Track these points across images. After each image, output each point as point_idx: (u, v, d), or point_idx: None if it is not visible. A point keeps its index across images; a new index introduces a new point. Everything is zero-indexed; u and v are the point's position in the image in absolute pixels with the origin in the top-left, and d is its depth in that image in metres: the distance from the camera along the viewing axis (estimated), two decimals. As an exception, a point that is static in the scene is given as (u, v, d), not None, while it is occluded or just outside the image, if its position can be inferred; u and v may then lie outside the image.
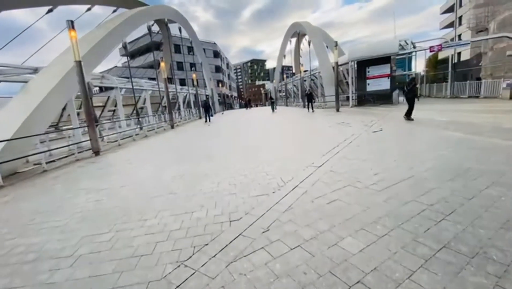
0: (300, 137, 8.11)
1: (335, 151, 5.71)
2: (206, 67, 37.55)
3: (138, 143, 11.30)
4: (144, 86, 19.18)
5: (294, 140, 7.73)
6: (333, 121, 11.53)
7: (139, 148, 9.92)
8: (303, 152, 6.06)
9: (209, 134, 12.00)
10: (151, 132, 15.11)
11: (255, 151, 6.67)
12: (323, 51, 23.71)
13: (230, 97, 66.91)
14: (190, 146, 8.84)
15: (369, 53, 18.38)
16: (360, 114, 13.63)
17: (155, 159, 7.18)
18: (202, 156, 6.70)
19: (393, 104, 18.36)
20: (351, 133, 7.78)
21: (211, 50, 53.67)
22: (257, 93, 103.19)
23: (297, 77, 34.09)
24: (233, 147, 7.68)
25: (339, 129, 8.94)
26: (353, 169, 4.33)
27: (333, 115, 14.60)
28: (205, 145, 8.55)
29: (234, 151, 6.99)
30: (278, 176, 4.38)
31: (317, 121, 12.41)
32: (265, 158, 5.75)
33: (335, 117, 13.15)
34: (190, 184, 4.48)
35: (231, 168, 5.22)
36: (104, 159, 8.23)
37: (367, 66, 19.10)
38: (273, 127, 12.33)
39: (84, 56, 10.47)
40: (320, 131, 8.98)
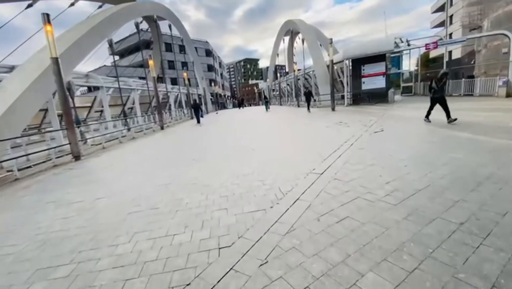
0: (297, 139, 7.60)
1: (336, 155, 5.22)
2: (198, 66, 36.77)
3: (124, 146, 10.62)
4: (132, 85, 18.41)
5: (291, 142, 7.22)
6: (330, 120, 11.08)
7: (124, 151, 9.26)
8: (302, 156, 5.55)
9: (200, 136, 11.40)
10: (139, 133, 14.40)
11: (250, 155, 6.13)
12: (317, 49, 23.31)
13: (223, 97, 66.13)
14: (179, 149, 8.24)
15: (364, 50, 18.03)
16: (357, 113, 13.24)
17: (140, 165, 6.56)
18: (191, 161, 6.13)
19: (389, 102, 18.06)
20: (351, 134, 7.31)
21: (203, 49, 52.82)
22: (251, 92, 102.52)
23: (291, 76, 33.65)
24: (225, 150, 7.12)
25: (338, 129, 8.47)
26: (360, 176, 3.83)
27: (329, 114, 14.17)
28: (196, 148, 7.97)
29: (227, 155, 6.44)
30: (276, 186, 3.85)
31: (313, 120, 11.95)
32: (261, 163, 5.22)
33: (332, 117, 12.71)
34: (175, 196, 3.91)
35: (222, 176, 4.68)
36: (84, 164, 7.56)
37: (362, 64, 18.75)
38: (268, 127, 11.81)
39: (63, 53, 9.76)
40: (318, 131, 8.49)
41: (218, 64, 64.58)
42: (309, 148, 6.24)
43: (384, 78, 18.39)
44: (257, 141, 8.04)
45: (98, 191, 4.67)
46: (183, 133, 13.29)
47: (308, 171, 4.36)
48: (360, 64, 18.82)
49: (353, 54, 18.51)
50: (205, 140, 9.70)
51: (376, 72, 18.50)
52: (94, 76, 14.35)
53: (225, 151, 6.99)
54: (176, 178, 4.87)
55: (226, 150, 7.13)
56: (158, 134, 13.89)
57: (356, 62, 18.91)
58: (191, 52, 35.39)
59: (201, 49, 51.92)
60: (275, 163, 5.13)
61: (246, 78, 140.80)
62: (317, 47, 23.52)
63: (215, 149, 7.50)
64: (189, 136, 11.60)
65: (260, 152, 6.36)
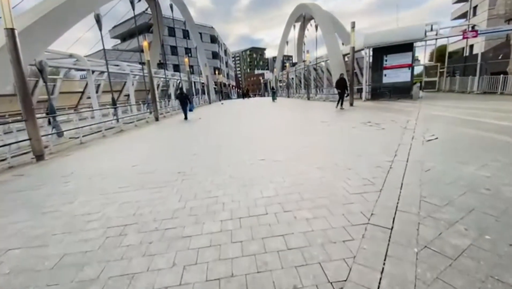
0: (322, 150, 5.47)
1: (393, 182, 3.39)
2: (201, 52, 34.58)
3: (106, 142, 8.84)
4: (126, 70, 16.49)
5: (316, 157, 5.31)
6: (354, 119, 9.16)
7: (101, 150, 7.48)
8: (340, 183, 3.70)
9: (198, 132, 9.57)
10: (129, 125, 12.60)
11: (259, 175, 4.30)
12: (332, 37, 21.05)
13: (227, 86, 63.86)
14: (168, 151, 6.43)
15: (389, 38, 15.85)
16: (382, 110, 11.26)
17: (108, 176, 4.78)
18: (176, 176, 4.34)
19: (413, 99, 15.98)
20: (395, 142, 5.43)
21: (208, 35, 50.33)
22: (256, 82, 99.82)
23: (300, 66, 31.38)
24: (228, 158, 5.31)
25: (371, 133, 6.58)
26: (470, 246, 1.99)
27: (348, 110, 12.21)
28: (188, 151, 6.16)
29: (228, 168, 4.63)
30: (318, 252, 2.04)
31: (333, 118, 10.02)
32: (279, 196, 3.40)
33: (354, 114, 10.76)
34: (133, 251, 2.13)
35: (218, 211, 2.90)
36: (41, 169, 5.80)
37: (385, 54, 16.60)
38: (277, 125, 9.92)
39: (30, 26, 7.87)
40: (346, 136, 6.50)
41: (224, 51, 62.04)
42: (345, 165, 4.36)
43: (409, 70, 16.28)
44: (267, 147, 6.21)
45: (22, 228, 2.90)
46: (179, 127, 11.47)
47: (363, 220, 2.53)
48: (382, 54, 16.66)
49: (375, 42, 16.32)
50: (204, 138, 7.88)
51: (400, 63, 16.36)
52: (79, 58, 12.47)
53: (228, 160, 5.17)
54: (147, 208, 3.09)
55: (230, 158, 5.30)
56: (151, 127, 12.08)
57: (377, 51, 16.74)
58: (195, 36, 33.16)
59: (205, 35, 49.48)
60: (301, 195, 3.30)
61: (252, 68, 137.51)
62: (332, 34, 21.25)
63: (214, 156, 5.69)
64: (185, 131, 9.78)
65: (274, 171, 4.53)
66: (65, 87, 17.42)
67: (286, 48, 36.96)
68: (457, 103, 11.94)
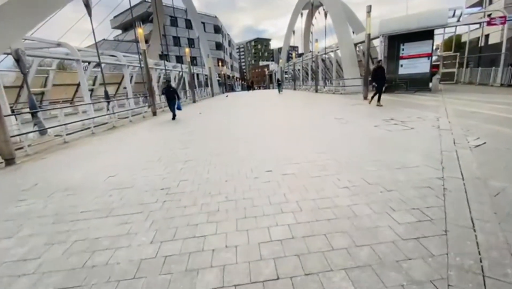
0: (345, 158, 4.15)
1: (459, 217, 2.35)
2: (203, 42, 33.23)
3: (93, 141, 7.89)
4: (122, 61, 15.41)
5: (339, 170, 4.20)
6: (373, 115, 8.02)
7: (83, 152, 6.52)
8: (382, 218, 2.65)
9: (195, 131, 8.55)
10: (124, 120, 11.63)
11: (266, 197, 3.26)
12: (343, 25, 19.56)
13: (231, 78, 62.45)
14: (156, 156, 5.43)
15: (407, 25, 14.43)
16: (401, 105, 10.06)
17: (75, 192, 3.81)
18: (157, 195, 3.36)
19: (432, 91, 14.66)
20: (434, 147, 4.34)
21: (211, 25, 48.73)
22: (261, 74, 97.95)
23: (308, 56, 29.89)
24: (226, 169, 4.30)
25: (400, 134, 5.47)
26: None
27: (364, 105, 11.01)
28: (181, 157, 5.17)
29: (225, 185, 3.62)
30: None
31: (348, 114, 8.87)
32: (296, 240, 2.38)
33: (371, 109, 9.59)
34: None
35: (204, 268, 1.89)
36: (1, 178, 4.87)
37: (402, 43, 15.20)
38: (286, 124, 8.83)
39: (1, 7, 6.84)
40: (372, 138, 5.27)
41: (228, 42, 60.37)
42: (383, 179, 3.30)
43: (429, 60, 14.89)
44: (279, 151, 5.18)
45: None
46: (175, 126, 10.47)
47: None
48: (399, 43, 15.26)
49: (392, 29, 14.90)
50: (204, 140, 6.86)
51: (419, 53, 14.96)
52: (68, 47, 11.45)
53: (233, 170, 4.16)
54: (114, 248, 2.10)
55: (234, 169, 4.29)
56: (145, 124, 11.08)
57: (393, 39, 15.32)
58: (197, 26, 31.80)
59: (209, 25, 47.91)
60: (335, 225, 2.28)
61: (257, 59, 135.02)
62: (343, 22, 19.74)
63: (217, 165, 4.68)
64: (183, 129, 8.76)
65: (291, 184, 3.50)
66: (58, 79, 16.52)
67: (293, 38, 35.33)
68: (484, 97, 10.66)
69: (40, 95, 16.35)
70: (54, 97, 17.15)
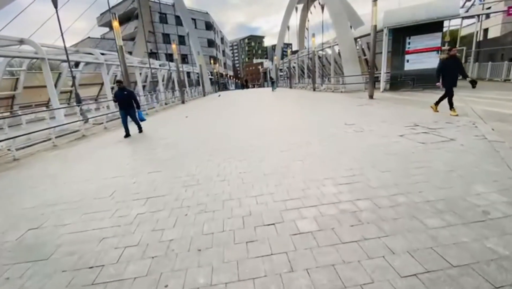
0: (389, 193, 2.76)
1: None
2: (194, 39, 31.55)
3: (51, 156, 6.37)
4: (100, 59, 13.78)
5: (379, 222, 2.92)
6: (390, 119, 6.67)
7: (27, 176, 5.01)
8: None
9: (172, 146, 7.11)
10: (98, 127, 10.09)
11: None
12: (342, 19, 18.20)
13: (225, 76, 60.75)
14: (118, 184, 4.00)
15: (414, 16, 13.14)
16: (414, 105, 8.77)
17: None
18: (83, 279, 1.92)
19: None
20: (502, 170, 3.01)
21: (202, 21, 46.90)
22: (255, 72, 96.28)
23: (303, 53, 28.52)
24: (218, 224, 2.90)
25: (439, 148, 4.13)
26: None
27: (372, 105, 9.69)
28: (145, 193, 3.76)
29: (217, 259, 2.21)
30: None
31: (359, 119, 7.52)
32: None
33: (384, 111, 8.26)
34: None
35: None
36: None
37: (408, 36, 13.94)
38: (286, 132, 7.43)
39: None
40: (405, 157, 3.81)
41: (220, 39, 58.55)
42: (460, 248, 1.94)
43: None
44: (273, 192, 3.80)
45: None
46: (152, 133, 8.99)
47: None
48: (405, 36, 13.99)
49: (397, 21, 13.60)
50: (184, 153, 5.42)
51: (426, 46, 13.72)
52: (33, 44, 9.83)
53: (219, 214, 2.77)
54: None
55: (218, 213, 2.89)
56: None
57: (398, 32, 14.04)
58: (186, 21, 30.13)
59: (200, 22, 46.10)
60: None
61: (251, 57, 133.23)
62: (342, 16, 18.37)
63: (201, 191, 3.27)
64: (164, 142, 7.29)
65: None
66: (30, 81, 14.82)
67: (288, 34, 33.84)
68: (505, 95, 9.46)
69: (9, 99, 14.67)
70: (27, 100, 15.47)
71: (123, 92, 7.62)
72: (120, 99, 7.66)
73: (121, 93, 7.61)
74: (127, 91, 7.69)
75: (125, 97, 7.63)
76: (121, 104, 7.69)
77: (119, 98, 7.66)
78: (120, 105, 7.71)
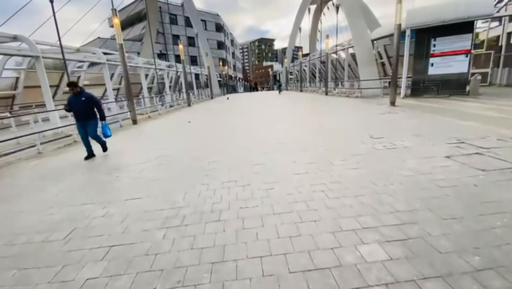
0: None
1: None
2: (202, 39, 30.91)
3: (29, 166, 5.56)
4: (102, 59, 13.10)
5: None
6: (428, 134, 5.56)
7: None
8: None
9: (171, 161, 6.20)
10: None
11: None
12: (358, 19, 17.05)
13: (234, 79, 60.11)
14: (74, 225, 3.10)
15: (441, 15, 11.95)
16: (445, 114, 7.57)
17: None
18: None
19: (470, 95, 12.16)
20: None
21: (212, 23, 46.43)
22: (264, 75, 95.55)
23: (315, 56, 27.43)
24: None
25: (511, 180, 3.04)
26: None
27: (396, 114, 8.55)
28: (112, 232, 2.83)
29: None
30: None
31: (388, 131, 6.44)
32: None
33: (411, 122, 7.14)
34: None
35: None
36: None
37: (433, 38, 12.73)
38: (306, 142, 6.39)
39: None
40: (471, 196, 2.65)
41: (230, 41, 58.02)
42: None
43: (467, 58, 12.40)
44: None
45: None
46: (147, 137, 8.13)
47: None
48: (429, 37, 12.79)
49: (422, 21, 12.42)
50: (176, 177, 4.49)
51: (454, 49, 12.46)
52: (26, 40, 9.16)
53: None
54: None
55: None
56: (118, 135, 8.75)
57: (422, 33, 12.86)
58: (195, 22, 29.56)
59: (210, 23, 45.63)
60: None
61: (260, 59, 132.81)
62: (358, 16, 17.22)
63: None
64: (162, 155, 6.38)
65: None
66: (31, 81, 14.31)
67: (299, 35, 32.81)
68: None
69: (9, 99, 14.21)
70: (27, 100, 14.99)
71: (79, 97, 5.47)
72: (75, 108, 5.52)
73: (77, 99, 5.46)
74: (85, 96, 5.53)
75: (82, 105, 5.48)
76: (77, 114, 5.60)
77: (74, 106, 5.51)
78: (76, 115, 5.62)
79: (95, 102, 5.67)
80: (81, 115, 5.57)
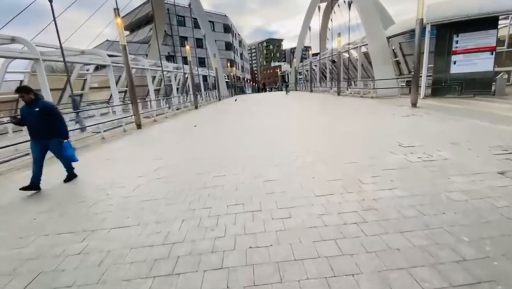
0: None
1: None
2: (210, 40, 30.56)
3: (15, 178, 5.10)
4: (106, 60, 12.75)
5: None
6: (466, 141, 4.79)
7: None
8: None
9: (176, 176, 5.64)
10: (95, 137, 8.90)
11: None
12: (372, 16, 16.22)
13: (242, 80, 59.66)
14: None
15: (465, 10, 11.08)
16: (475, 117, 6.75)
17: None
18: None
19: (496, 95, 11.21)
20: None
21: (220, 24, 46.11)
22: (273, 75, 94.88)
23: (325, 55, 26.60)
24: None
25: None
26: None
27: (421, 116, 7.75)
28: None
29: None
30: None
31: (417, 138, 5.71)
32: None
33: (444, 126, 6.35)
34: None
35: None
36: None
37: (455, 34, 11.81)
38: (324, 148, 5.71)
39: None
40: None
41: (238, 42, 57.62)
42: None
43: (492, 56, 11.44)
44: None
45: None
46: (147, 143, 7.61)
47: None
48: (451, 33, 11.87)
49: (443, 16, 11.53)
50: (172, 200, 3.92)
51: (479, 46, 11.52)
52: (24, 42, 8.83)
53: None
54: None
55: None
56: (116, 144, 8.28)
57: (443, 29, 11.96)
58: (202, 23, 29.22)
59: (218, 24, 45.32)
60: None
61: (268, 60, 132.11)
62: (372, 13, 16.38)
63: None
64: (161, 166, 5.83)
65: None
66: (33, 84, 14.12)
67: (309, 34, 31.99)
68: None
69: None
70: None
71: (33, 108, 3.96)
72: (28, 121, 4.07)
73: (30, 110, 3.98)
74: (40, 106, 3.97)
75: (36, 117, 3.97)
76: (30, 129, 4.12)
77: (27, 119, 4.07)
78: (30, 131, 4.14)
79: (54, 114, 4.13)
80: (36, 131, 4.08)
